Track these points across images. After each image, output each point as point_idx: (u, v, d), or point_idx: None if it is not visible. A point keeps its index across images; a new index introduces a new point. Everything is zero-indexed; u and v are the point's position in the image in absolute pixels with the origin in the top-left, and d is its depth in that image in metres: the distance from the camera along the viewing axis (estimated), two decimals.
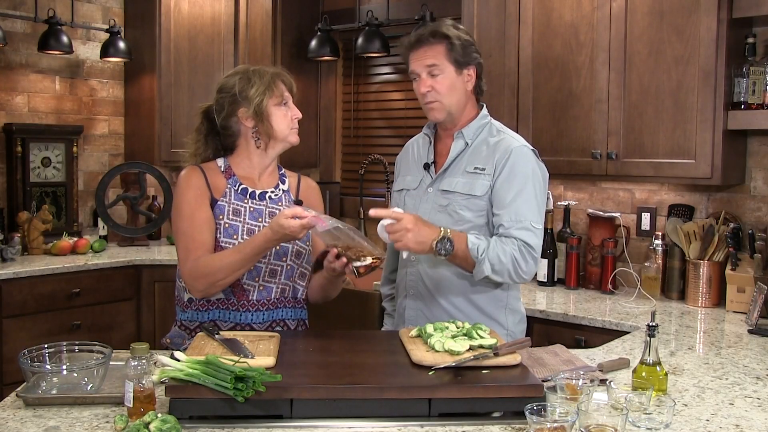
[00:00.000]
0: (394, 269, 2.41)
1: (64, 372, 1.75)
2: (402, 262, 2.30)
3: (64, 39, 4.13)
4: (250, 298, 2.10)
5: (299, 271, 2.18)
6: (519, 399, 1.55)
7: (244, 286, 2.09)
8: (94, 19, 4.55)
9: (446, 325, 1.87)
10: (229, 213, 2.11)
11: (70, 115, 4.49)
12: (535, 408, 1.44)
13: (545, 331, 2.88)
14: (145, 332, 3.95)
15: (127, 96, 4.73)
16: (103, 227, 4.31)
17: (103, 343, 1.87)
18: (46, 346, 1.83)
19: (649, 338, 1.74)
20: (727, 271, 2.90)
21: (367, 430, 1.53)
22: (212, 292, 2.05)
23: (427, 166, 2.28)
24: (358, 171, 4.18)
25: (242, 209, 2.13)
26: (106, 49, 4.36)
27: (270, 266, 2.11)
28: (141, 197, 4.37)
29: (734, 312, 2.86)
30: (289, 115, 2.15)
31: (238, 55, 4.28)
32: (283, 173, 2.27)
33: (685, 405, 1.74)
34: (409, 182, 2.33)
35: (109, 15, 4.58)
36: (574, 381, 1.67)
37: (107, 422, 1.56)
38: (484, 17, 3.40)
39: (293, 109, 2.17)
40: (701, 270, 2.97)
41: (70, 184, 4.31)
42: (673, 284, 3.12)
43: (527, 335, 2.27)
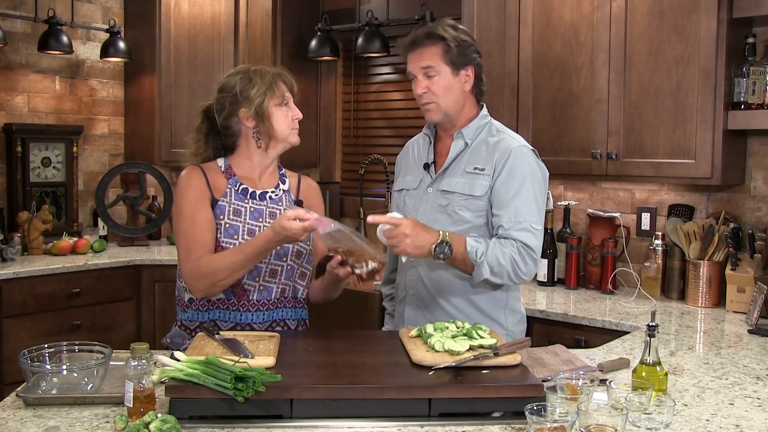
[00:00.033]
0: (395, 269, 2.41)
1: (64, 372, 1.75)
2: (401, 265, 2.30)
3: (64, 39, 4.13)
4: (251, 298, 2.10)
5: (299, 271, 2.18)
6: (519, 399, 1.55)
7: (245, 286, 2.09)
8: (94, 19, 4.55)
9: (446, 325, 1.87)
10: (230, 213, 2.11)
11: (70, 115, 4.49)
12: (535, 408, 1.44)
13: (545, 331, 2.88)
14: (145, 332, 3.95)
15: (127, 96, 4.74)
16: (103, 227, 4.31)
17: (103, 343, 1.87)
18: (46, 346, 1.83)
19: (649, 338, 1.73)
20: (727, 271, 2.90)
21: (367, 430, 1.53)
22: (213, 292, 2.05)
23: (427, 166, 2.28)
24: (358, 171, 4.18)
25: (243, 209, 2.13)
26: (106, 49, 4.36)
27: (270, 266, 2.11)
28: (141, 197, 4.37)
29: (734, 312, 2.86)
30: (289, 116, 2.15)
31: (238, 55, 4.28)
32: (284, 173, 2.27)
33: (685, 405, 1.74)
34: (409, 182, 2.33)
35: (109, 15, 4.58)
36: (574, 381, 1.67)
37: (107, 422, 1.56)
38: (484, 17, 3.40)
39: (294, 109, 2.17)
40: (701, 270, 2.97)
41: (70, 184, 4.32)
42: (673, 284, 3.12)
43: (527, 335, 2.27)
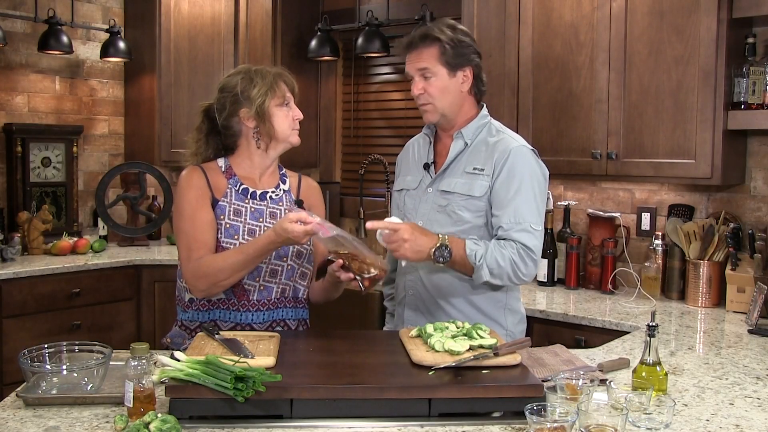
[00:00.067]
0: (395, 269, 2.41)
1: (64, 372, 1.75)
2: (401, 269, 2.30)
3: (64, 39, 4.13)
4: (251, 298, 2.10)
5: (300, 271, 2.18)
6: (519, 399, 1.55)
7: (245, 287, 2.09)
8: (94, 19, 4.55)
9: (446, 325, 1.87)
10: (230, 213, 2.11)
11: (70, 115, 4.49)
12: (535, 408, 1.44)
13: (545, 331, 2.88)
14: (145, 332, 3.95)
15: (127, 96, 4.74)
16: (103, 227, 4.31)
17: (103, 343, 1.87)
18: (46, 346, 1.83)
19: (649, 338, 1.73)
20: (727, 271, 2.90)
21: (367, 430, 1.53)
22: (214, 292, 2.05)
23: (426, 166, 2.28)
24: (358, 171, 4.18)
25: (243, 209, 2.12)
26: (106, 49, 4.36)
27: (271, 266, 2.11)
28: (141, 197, 4.37)
29: (734, 312, 2.86)
30: (290, 116, 2.15)
31: (238, 55, 4.28)
32: (284, 173, 2.27)
33: (685, 405, 1.74)
34: (409, 182, 2.33)
35: (109, 15, 4.58)
36: (574, 381, 1.67)
37: (107, 422, 1.56)
38: (484, 17, 3.40)
39: (295, 109, 2.17)
40: (701, 270, 2.97)
41: (70, 184, 4.32)
42: (673, 284, 3.12)
43: (527, 335, 2.27)
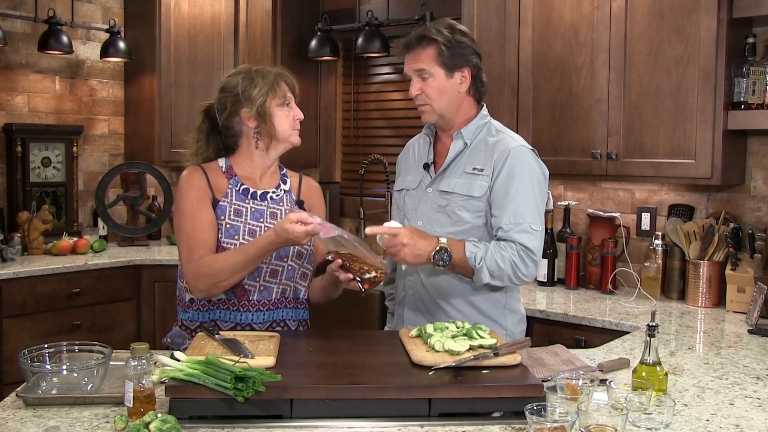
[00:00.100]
0: (395, 269, 2.41)
1: (64, 372, 1.75)
2: (401, 272, 2.30)
3: (64, 39, 4.13)
4: (251, 299, 2.10)
5: (300, 272, 2.18)
6: (519, 399, 1.55)
7: (245, 287, 2.09)
8: (94, 19, 4.55)
9: (446, 325, 1.87)
10: (231, 213, 2.10)
11: (70, 115, 4.49)
12: (535, 408, 1.44)
13: (545, 331, 2.88)
14: (145, 332, 3.95)
15: (127, 96, 4.74)
16: (103, 227, 4.31)
17: (103, 343, 1.87)
18: (46, 346, 1.83)
19: (649, 338, 1.73)
20: (727, 271, 2.90)
21: (367, 430, 1.53)
22: (215, 292, 2.05)
23: (426, 166, 2.28)
24: (358, 171, 4.18)
25: (244, 210, 2.12)
26: (106, 49, 4.36)
27: (271, 267, 2.11)
28: (141, 197, 4.37)
29: (734, 312, 2.86)
30: (291, 116, 2.15)
31: (238, 55, 4.28)
32: (285, 173, 2.27)
33: (685, 405, 1.74)
34: (409, 182, 2.32)
35: (109, 15, 4.58)
36: (574, 381, 1.67)
37: (107, 422, 1.56)
38: (484, 17, 3.40)
39: (295, 109, 2.17)
40: (701, 270, 2.97)
41: (70, 184, 4.31)
42: (673, 284, 3.12)
43: (527, 335, 2.27)
